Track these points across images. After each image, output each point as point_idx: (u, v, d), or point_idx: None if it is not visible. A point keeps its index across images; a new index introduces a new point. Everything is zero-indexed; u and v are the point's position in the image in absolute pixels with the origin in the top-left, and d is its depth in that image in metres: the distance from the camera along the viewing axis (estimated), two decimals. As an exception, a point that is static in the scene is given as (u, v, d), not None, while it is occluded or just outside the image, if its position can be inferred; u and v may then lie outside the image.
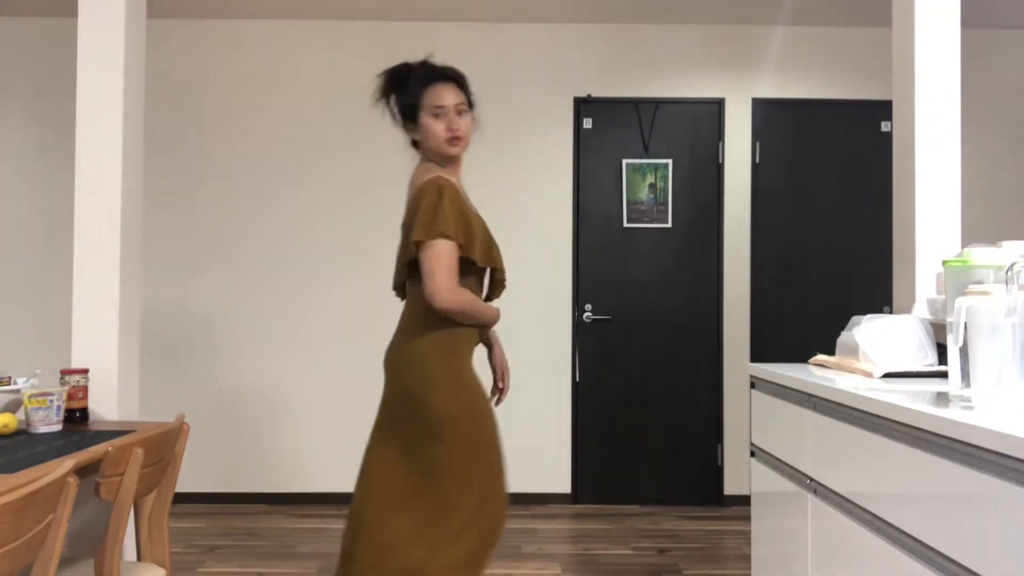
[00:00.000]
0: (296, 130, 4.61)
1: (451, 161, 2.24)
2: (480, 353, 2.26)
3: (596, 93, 4.64)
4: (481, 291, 2.27)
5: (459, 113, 2.22)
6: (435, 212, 2.09)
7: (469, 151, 2.29)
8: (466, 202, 2.21)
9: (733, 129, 4.64)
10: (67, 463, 1.57)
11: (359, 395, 4.50)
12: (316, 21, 4.61)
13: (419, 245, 2.08)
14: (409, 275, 2.19)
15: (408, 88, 2.25)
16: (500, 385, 2.36)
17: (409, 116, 2.26)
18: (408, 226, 2.14)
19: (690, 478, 4.58)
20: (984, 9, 4.33)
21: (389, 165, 4.58)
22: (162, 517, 2.26)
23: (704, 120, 4.64)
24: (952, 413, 1.32)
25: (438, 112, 2.20)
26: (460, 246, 2.10)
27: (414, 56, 2.29)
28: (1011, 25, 4.67)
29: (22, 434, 2.22)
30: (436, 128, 2.20)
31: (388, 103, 2.30)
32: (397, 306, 2.31)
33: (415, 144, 2.30)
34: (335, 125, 4.61)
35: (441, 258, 2.07)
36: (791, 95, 4.65)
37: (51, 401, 2.27)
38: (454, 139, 2.20)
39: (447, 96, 2.21)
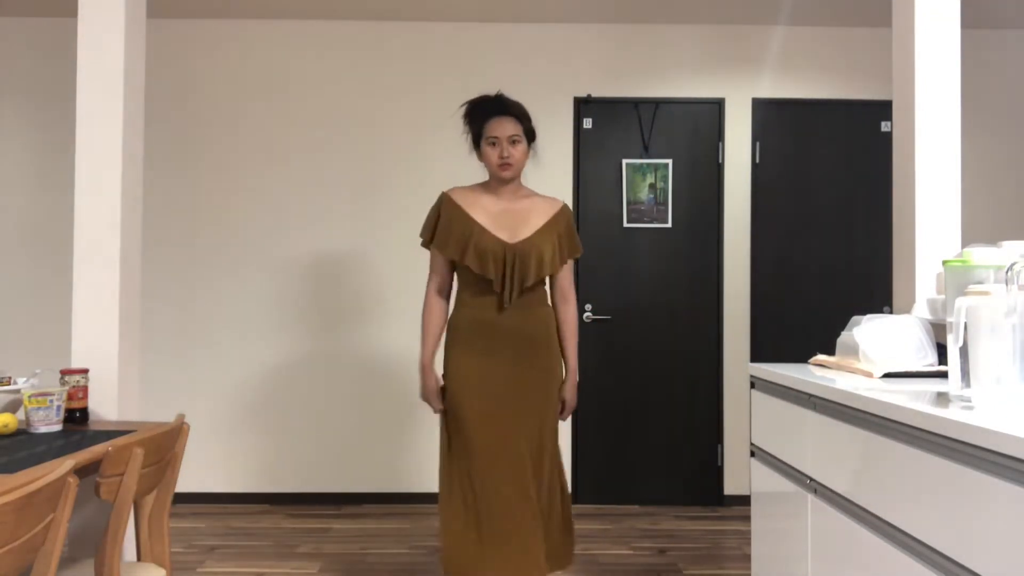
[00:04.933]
0: (296, 130, 4.60)
1: (504, 182, 2.72)
2: None
3: (596, 93, 4.63)
4: None
5: (512, 143, 2.68)
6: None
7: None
8: None
9: (733, 129, 4.64)
10: (67, 463, 1.58)
11: (360, 395, 4.50)
12: (316, 21, 4.61)
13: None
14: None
15: (475, 120, 2.72)
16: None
17: (475, 143, 2.75)
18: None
19: (690, 478, 4.58)
20: (984, 9, 4.32)
21: (390, 165, 4.58)
22: (162, 517, 2.26)
23: (704, 120, 4.64)
24: (952, 413, 1.32)
25: (494, 141, 2.67)
26: None
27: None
28: (1011, 25, 4.66)
29: (22, 434, 2.22)
30: (491, 155, 2.69)
31: (467, 130, 2.79)
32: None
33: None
34: (336, 125, 4.61)
35: None
36: (791, 95, 4.65)
37: (51, 401, 2.27)
38: (504, 165, 2.67)
39: (503, 128, 2.67)
